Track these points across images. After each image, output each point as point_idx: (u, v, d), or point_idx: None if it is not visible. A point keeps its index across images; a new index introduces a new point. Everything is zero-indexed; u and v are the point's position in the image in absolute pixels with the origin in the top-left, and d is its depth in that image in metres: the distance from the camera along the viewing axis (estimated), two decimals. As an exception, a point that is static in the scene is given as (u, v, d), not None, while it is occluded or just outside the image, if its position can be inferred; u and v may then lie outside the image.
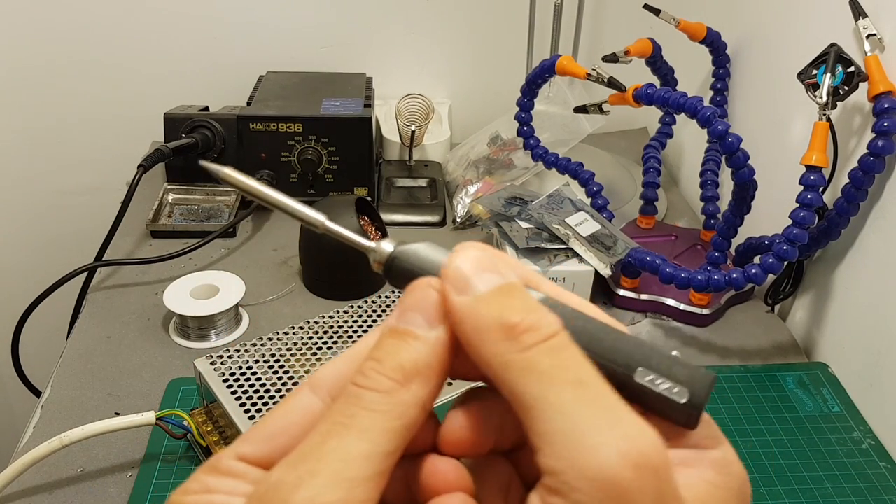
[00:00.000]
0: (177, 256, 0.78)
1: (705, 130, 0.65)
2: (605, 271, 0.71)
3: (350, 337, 0.59)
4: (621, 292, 0.77)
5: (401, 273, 0.25)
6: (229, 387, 0.53)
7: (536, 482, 0.22)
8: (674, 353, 0.24)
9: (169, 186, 0.90)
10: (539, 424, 0.21)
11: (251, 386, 0.53)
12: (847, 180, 0.64)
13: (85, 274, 0.78)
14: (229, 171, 0.27)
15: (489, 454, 0.25)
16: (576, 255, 0.72)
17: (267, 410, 0.52)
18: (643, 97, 0.70)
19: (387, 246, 0.25)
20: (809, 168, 0.63)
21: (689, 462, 0.23)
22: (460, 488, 0.24)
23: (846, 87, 0.62)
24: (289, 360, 0.56)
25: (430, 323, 0.23)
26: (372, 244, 0.26)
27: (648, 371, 0.23)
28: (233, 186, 0.27)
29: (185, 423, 0.55)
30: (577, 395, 0.21)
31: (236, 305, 0.71)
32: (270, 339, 0.58)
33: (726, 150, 0.65)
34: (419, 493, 0.24)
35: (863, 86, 0.63)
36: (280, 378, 0.54)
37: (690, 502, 0.22)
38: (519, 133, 0.85)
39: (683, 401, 0.22)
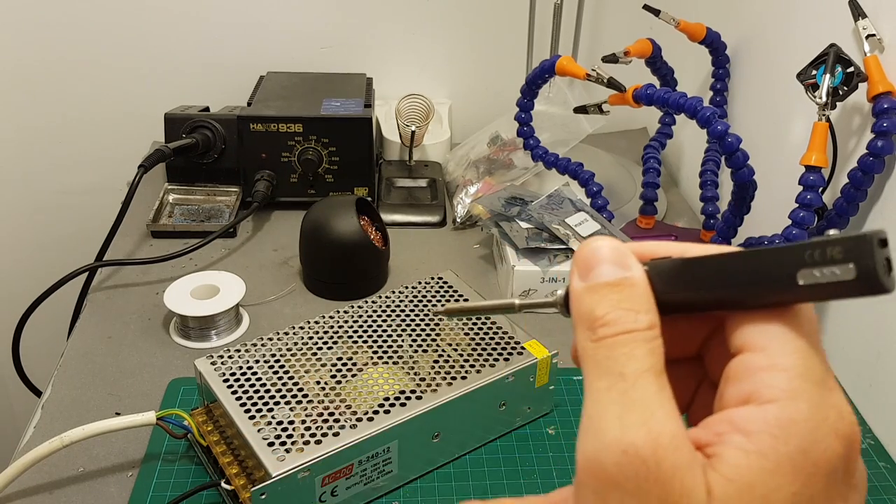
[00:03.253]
0: (177, 256, 0.78)
1: (705, 131, 0.65)
2: (605, 271, 0.71)
3: (350, 337, 0.59)
4: (621, 292, 0.77)
5: None
6: (230, 387, 0.53)
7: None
8: (831, 232, 0.24)
9: (169, 186, 0.90)
10: (584, 409, 0.23)
11: (251, 386, 0.53)
12: (846, 181, 0.64)
13: (85, 274, 0.78)
14: (450, 307, 0.31)
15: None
16: (576, 255, 0.72)
17: (268, 411, 0.52)
18: (643, 97, 0.70)
19: (561, 292, 0.28)
20: (809, 168, 0.63)
21: (714, 438, 0.23)
22: None
23: (845, 88, 0.62)
24: (289, 360, 0.56)
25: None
26: (551, 299, 0.29)
27: (808, 270, 0.23)
28: (455, 315, 0.31)
29: (185, 422, 0.55)
30: (609, 386, 0.23)
31: (237, 305, 0.71)
32: (271, 339, 0.58)
33: (726, 150, 0.65)
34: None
35: (862, 86, 0.63)
36: (280, 378, 0.54)
37: (720, 481, 0.22)
38: (519, 133, 0.85)
39: (852, 278, 0.23)
